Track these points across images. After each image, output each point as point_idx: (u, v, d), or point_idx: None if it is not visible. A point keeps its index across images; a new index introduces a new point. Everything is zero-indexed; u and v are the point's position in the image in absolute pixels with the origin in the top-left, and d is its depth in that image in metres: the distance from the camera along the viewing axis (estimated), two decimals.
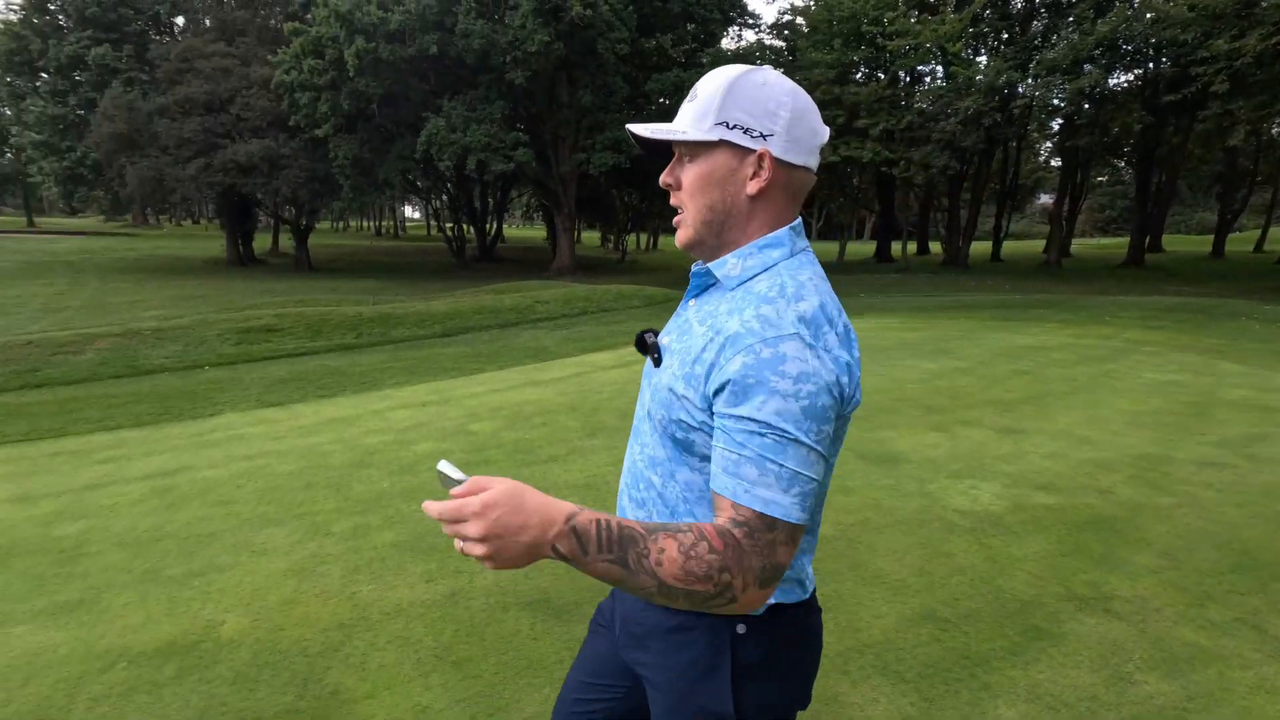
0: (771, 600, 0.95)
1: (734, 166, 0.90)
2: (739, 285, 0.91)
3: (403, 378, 8.07)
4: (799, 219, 0.95)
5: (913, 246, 33.92)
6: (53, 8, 26.44)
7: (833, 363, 0.82)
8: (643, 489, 1.00)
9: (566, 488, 3.89)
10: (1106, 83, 18.00)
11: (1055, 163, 35.05)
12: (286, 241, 40.68)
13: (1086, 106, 18.91)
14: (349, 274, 30.08)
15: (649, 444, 0.99)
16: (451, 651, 2.35)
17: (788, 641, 0.99)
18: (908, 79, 24.63)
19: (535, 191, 29.58)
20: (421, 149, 22.55)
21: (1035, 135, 26.85)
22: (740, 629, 0.95)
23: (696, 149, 0.92)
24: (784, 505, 0.79)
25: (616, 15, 21.79)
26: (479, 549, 0.74)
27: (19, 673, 2.31)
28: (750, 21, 30.43)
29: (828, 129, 0.95)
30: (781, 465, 0.79)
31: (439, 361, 9.32)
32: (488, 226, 40.30)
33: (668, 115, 25.33)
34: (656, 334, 1.03)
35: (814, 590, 1.03)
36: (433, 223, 60.40)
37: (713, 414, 0.85)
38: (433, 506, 0.76)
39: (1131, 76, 19.00)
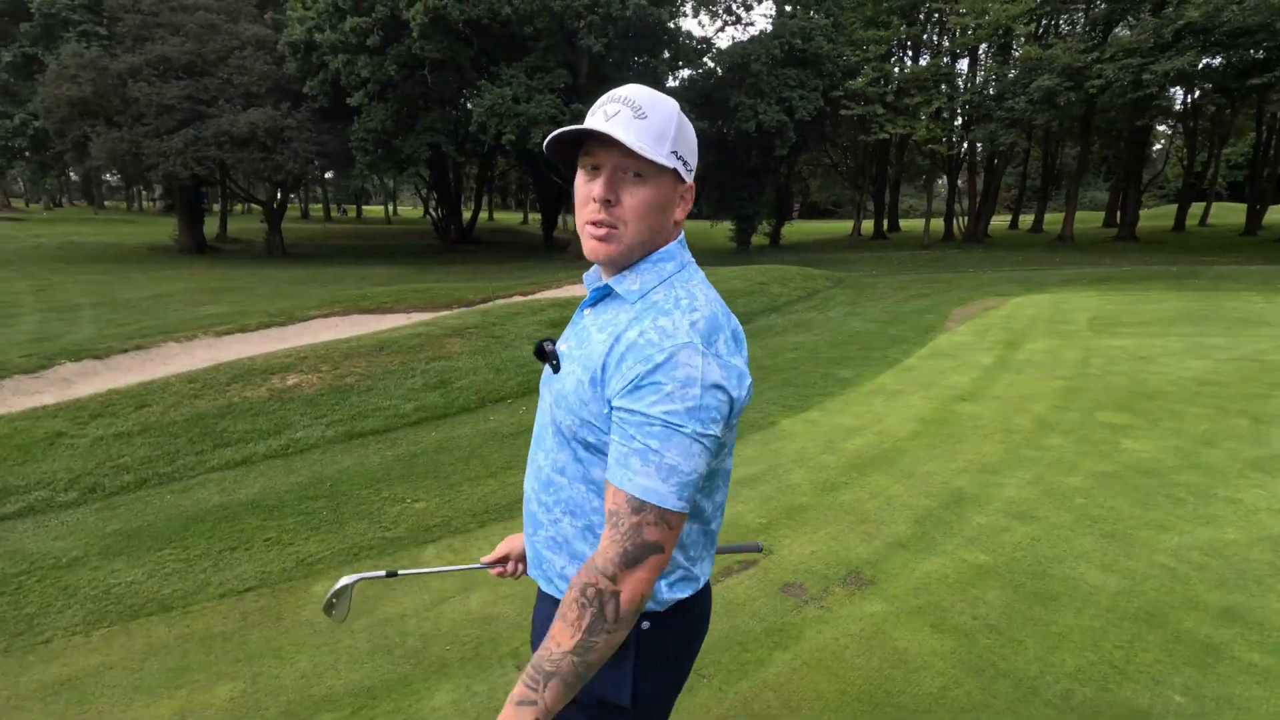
0: (673, 597, 1.02)
1: (671, 195, 0.96)
2: (640, 299, 0.95)
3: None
4: (682, 231, 1.02)
5: (865, 226, 33.98)
6: None
7: (720, 367, 0.89)
8: (550, 493, 1.03)
9: None
10: (1197, 65, 18.94)
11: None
12: (235, 225, 35.95)
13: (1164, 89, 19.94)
14: (328, 260, 26.15)
15: (553, 450, 1.02)
16: None
17: (681, 634, 1.06)
18: (948, 60, 25.02)
19: (551, 171, 27.59)
20: (479, 120, 20.28)
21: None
22: (645, 625, 1.01)
23: (650, 171, 0.93)
24: (660, 493, 0.86)
25: None
26: None
27: None
28: None
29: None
30: (663, 456, 0.86)
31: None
32: (467, 208, 37.47)
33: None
34: (554, 342, 1.07)
35: (707, 581, 1.09)
36: (401, 206, 54.87)
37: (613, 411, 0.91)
38: None
39: (1219, 60, 20.15)
